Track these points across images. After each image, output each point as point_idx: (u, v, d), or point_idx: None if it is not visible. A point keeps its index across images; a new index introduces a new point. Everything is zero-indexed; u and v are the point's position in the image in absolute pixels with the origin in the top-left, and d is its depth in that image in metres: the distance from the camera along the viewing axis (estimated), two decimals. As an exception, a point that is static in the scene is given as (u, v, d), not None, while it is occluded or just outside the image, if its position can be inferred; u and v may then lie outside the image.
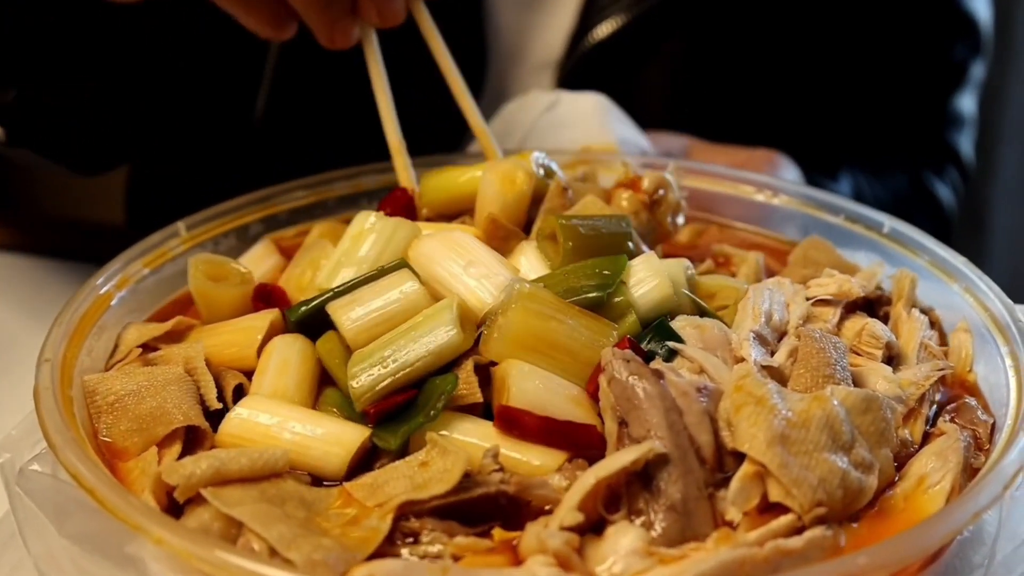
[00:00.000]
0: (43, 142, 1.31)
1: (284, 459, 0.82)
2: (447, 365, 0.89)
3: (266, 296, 1.02)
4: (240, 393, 0.93)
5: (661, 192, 1.09)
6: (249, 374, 0.94)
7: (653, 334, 0.91)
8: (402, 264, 0.96)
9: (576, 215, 1.02)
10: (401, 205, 1.08)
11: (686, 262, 1.00)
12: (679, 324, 0.92)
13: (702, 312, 0.96)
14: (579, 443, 0.84)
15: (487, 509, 0.80)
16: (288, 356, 0.93)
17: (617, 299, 0.93)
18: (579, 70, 1.51)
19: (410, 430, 0.84)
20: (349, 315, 0.92)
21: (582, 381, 0.88)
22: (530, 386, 0.85)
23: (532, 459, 0.84)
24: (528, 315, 0.88)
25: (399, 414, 0.87)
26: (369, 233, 1.00)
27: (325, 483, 0.85)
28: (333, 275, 0.98)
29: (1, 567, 0.87)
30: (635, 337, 0.91)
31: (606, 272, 0.94)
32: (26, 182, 2.19)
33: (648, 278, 0.95)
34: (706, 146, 1.42)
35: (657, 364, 0.85)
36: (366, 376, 0.87)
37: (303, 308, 0.95)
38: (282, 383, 0.92)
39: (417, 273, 0.95)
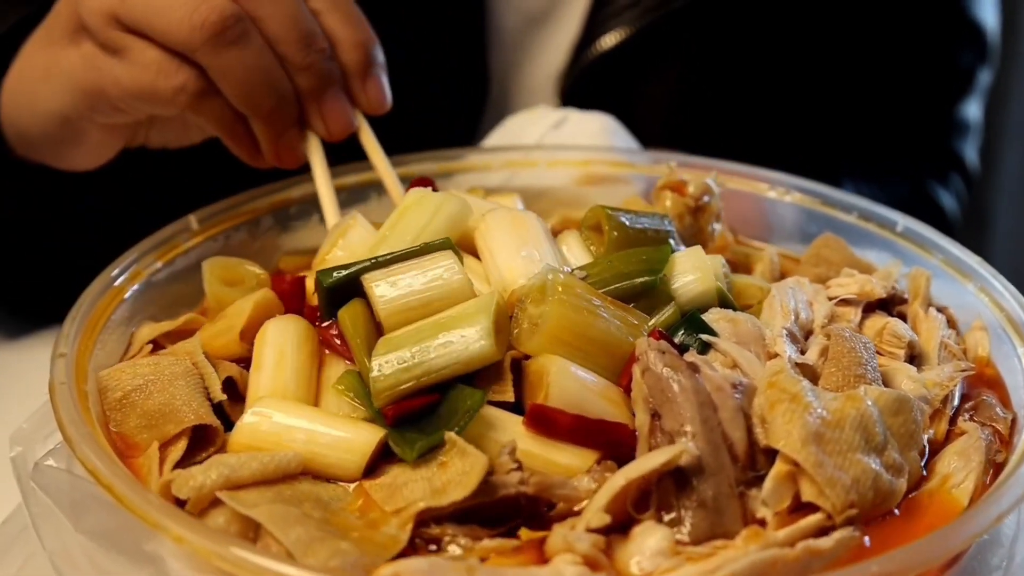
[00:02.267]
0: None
1: (296, 461, 0.81)
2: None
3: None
4: (230, 385, 0.91)
5: (706, 199, 1.08)
6: (239, 360, 0.93)
7: (686, 327, 0.90)
8: (447, 244, 0.92)
9: (621, 208, 1.01)
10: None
11: (722, 259, 0.98)
12: (713, 317, 0.91)
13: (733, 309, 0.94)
14: (611, 440, 0.82)
15: (509, 509, 0.79)
16: (283, 346, 0.91)
17: (659, 289, 0.92)
18: (583, 81, 1.50)
19: (429, 444, 0.81)
20: (385, 294, 0.88)
21: (613, 375, 0.86)
22: (571, 385, 0.83)
23: (560, 459, 0.82)
24: (565, 308, 0.86)
25: (419, 418, 0.84)
26: (415, 206, 0.97)
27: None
28: (375, 249, 0.95)
29: (14, 560, 0.87)
30: (668, 329, 0.89)
31: (652, 259, 0.93)
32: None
33: (692, 270, 0.94)
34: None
35: (692, 357, 0.84)
36: (389, 374, 0.84)
37: (337, 274, 0.91)
38: (281, 379, 0.89)
39: (459, 253, 0.92)
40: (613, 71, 1.50)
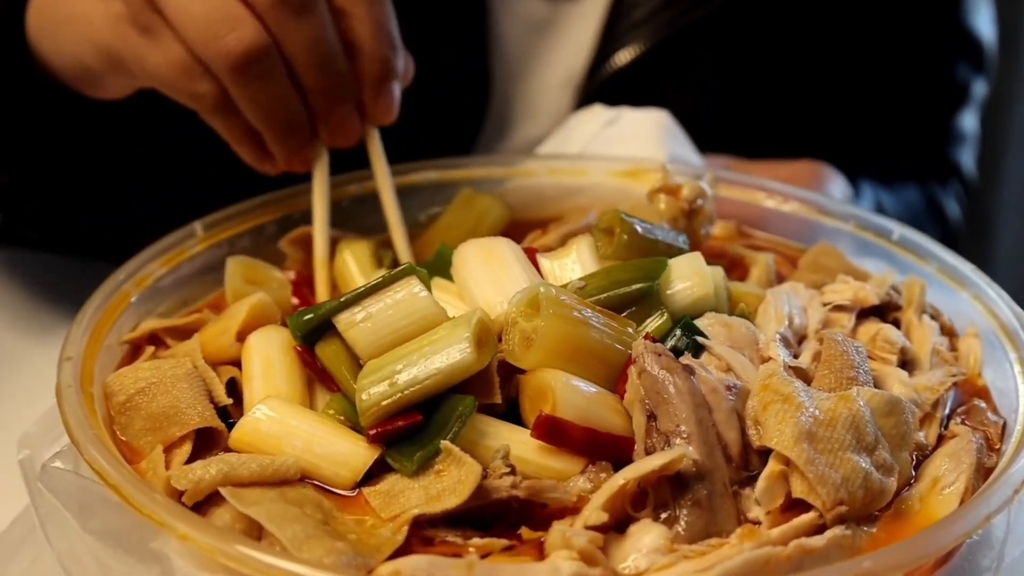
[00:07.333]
0: (40, 227, 1.32)
1: (295, 467, 0.82)
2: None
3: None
4: (233, 387, 0.93)
5: (699, 202, 1.08)
6: (237, 363, 0.95)
7: (680, 332, 0.91)
8: (409, 271, 0.91)
9: (636, 217, 1.01)
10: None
11: (722, 270, 0.99)
12: (708, 321, 0.92)
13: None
14: (621, 455, 0.83)
15: (501, 511, 0.80)
16: (269, 354, 0.92)
17: (654, 297, 0.93)
18: (600, 95, 1.51)
19: (426, 455, 0.82)
20: (361, 338, 0.88)
21: (609, 382, 0.87)
22: (575, 398, 0.84)
23: (554, 463, 0.83)
24: (560, 321, 0.86)
25: (413, 432, 0.84)
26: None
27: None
28: None
29: (22, 561, 0.88)
30: (660, 335, 0.90)
31: (649, 269, 0.94)
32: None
33: (688, 276, 0.95)
34: (746, 164, 1.41)
35: (686, 359, 0.85)
36: (374, 390, 0.84)
37: (307, 317, 0.91)
38: (272, 388, 0.90)
39: (424, 276, 0.91)
40: (628, 86, 1.51)
